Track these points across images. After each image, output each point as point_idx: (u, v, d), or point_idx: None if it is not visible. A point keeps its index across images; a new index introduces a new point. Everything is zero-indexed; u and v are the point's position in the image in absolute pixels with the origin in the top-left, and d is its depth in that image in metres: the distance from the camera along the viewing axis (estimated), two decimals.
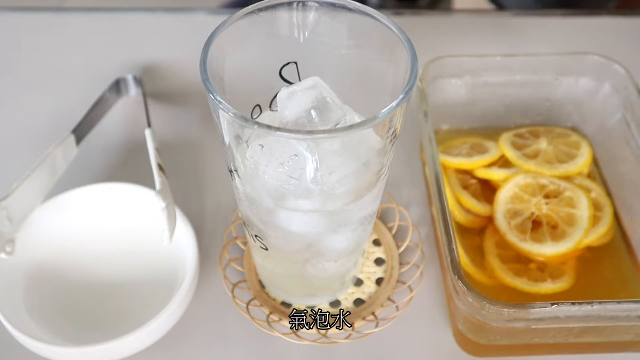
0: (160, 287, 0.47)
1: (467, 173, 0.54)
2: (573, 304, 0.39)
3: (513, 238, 0.49)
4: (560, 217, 0.50)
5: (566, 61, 0.54)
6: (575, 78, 0.55)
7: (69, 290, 0.47)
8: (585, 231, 0.49)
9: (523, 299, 0.46)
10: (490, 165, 0.53)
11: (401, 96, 0.33)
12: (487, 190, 0.53)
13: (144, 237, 0.49)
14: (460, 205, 0.52)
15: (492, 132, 0.56)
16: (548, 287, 0.47)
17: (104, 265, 0.49)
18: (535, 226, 0.50)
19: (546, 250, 0.48)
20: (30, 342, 0.41)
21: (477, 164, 0.53)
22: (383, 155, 0.37)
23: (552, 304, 0.39)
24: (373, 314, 0.47)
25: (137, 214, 0.49)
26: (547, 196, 0.51)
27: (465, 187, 0.53)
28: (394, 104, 0.32)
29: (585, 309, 0.39)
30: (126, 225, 0.50)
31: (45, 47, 0.68)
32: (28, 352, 0.42)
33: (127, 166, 0.57)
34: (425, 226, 0.53)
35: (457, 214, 0.51)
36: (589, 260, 0.49)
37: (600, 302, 0.39)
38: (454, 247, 0.42)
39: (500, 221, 0.50)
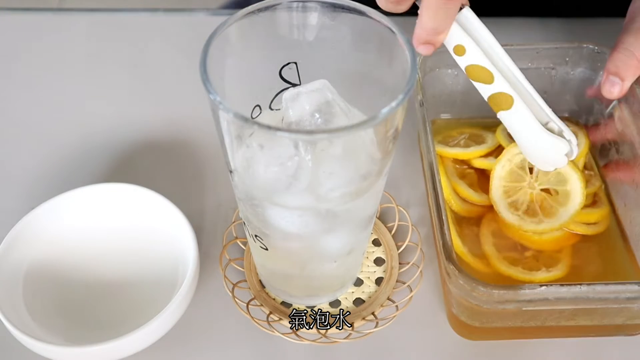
0: (160, 287, 0.47)
1: (464, 163, 0.54)
2: (562, 285, 0.39)
3: (509, 216, 0.49)
4: (552, 196, 0.50)
5: (562, 51, 0.54)
6: (572, 67, 0.55)
7: (69, 290, 0.47)
8: (580, 204, 0.49)
9: None
10: (487, 155, 0.54)
11: (401, 96, 0.33)
12: (483, 179, 0.53)
13: (144, 237, 0.49)
14: (457, 194, 0.52)
15: (490, 122, 0.56)
16: (543, 275, 0.47)
17: (104, 265, 0.49)
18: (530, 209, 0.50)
19: (543, 226, 0.49)
20: (30, 342, 0.41)
21: (474, 155, 0.54)
22: (383, 156, 0.37)
23: (541, 286, 0.39)
24: (373, 313, 0.47)
25: (137, 214, 0.49)
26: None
27: (462, 176, 0.53)
28: (394, 104, 0.32)
29: (574, 290, 0.39)
30: (126, 225, 0.50)
31: (45, 47, 0.68)
32: (28, 352, 0.42)
33: (127, 166, 0.57)
34: (425, 226, 0.53)
35: (453, 204, 0.51)
36: (584, 249, 0.49)
37: (588, 284, 0.39)
38: (446, 230, 0.42)
39: (495, 196, 0.50)
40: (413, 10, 0.50)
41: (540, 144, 0.45)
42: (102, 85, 0.64)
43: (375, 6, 0.37)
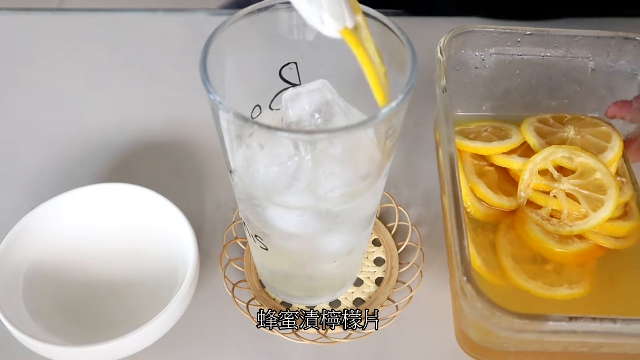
0: (160, 287, 0.47)
1: (484, 159, 0.50)
2: (594, 319, 0.35)
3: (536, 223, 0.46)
4: (583, 195, 0.46)
5: (604, 41, 0.49)
6: (612, 60, 0.50)
7: (69, 290, 0.47)
8: (615, 199, 0.45)
9: (537, 305, 0.43)
10: (510, 152, 0.49)
11: (401, 96, 0.33)
12: (504, 180, 0.49)
13: (144, 237, 0.49)
14: (474, 195, 0.48)
15: (514, 117, 0.52)
16: (564, 293, 0.43)
17: (104, 265, 0.49)
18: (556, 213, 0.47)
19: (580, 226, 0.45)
20: (30, 342, 0.41)
21: (496, 150, 0.49)
22: (383, 156, 0.37)
23: (570, 318, 0.35)
24: (373, 312, 0.47)
25: (137, 214, 0.49)
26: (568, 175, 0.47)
27: (481, 175, 0.48)
28: (393, 104, 0.32)
29: (607, 326, 0.35)
30: (126, 225, 0.50)
31: (45, 47, 0.68)
32: (28, 352, 0.42)
33: (127, 166, 0.57)
34: (425, 226, 0.53)
35: (469, 205, 0.47)
36: (610, 265, 0.45)
37: (623, 320, 0.35)
38: (465, 244, 0.38)
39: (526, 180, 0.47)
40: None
41: None
42: (102, 85, 0.64)
43: (376, 6, 0.37)
